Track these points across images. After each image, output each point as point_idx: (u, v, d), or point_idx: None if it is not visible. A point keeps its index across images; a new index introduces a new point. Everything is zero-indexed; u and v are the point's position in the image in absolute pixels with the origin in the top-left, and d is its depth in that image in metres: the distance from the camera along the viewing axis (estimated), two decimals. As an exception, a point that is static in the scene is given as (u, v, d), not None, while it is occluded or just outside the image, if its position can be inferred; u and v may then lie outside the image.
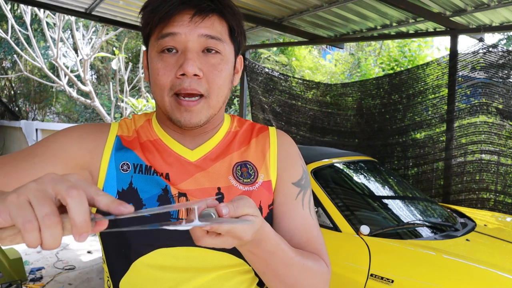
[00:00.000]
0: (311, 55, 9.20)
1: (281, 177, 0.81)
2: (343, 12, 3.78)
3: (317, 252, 0.78)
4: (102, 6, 3.80)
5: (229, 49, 0.75)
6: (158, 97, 0.74)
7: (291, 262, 0.67)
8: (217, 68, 0.73)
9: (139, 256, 0.73)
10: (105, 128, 0.81)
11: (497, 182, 3.64)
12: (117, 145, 0.79)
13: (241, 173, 0.79)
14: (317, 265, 0.73)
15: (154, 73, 0.73)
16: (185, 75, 0.70)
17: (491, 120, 3.67)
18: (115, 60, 6.14)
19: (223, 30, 0.74)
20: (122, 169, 0.76)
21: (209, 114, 0.74)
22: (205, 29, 0.71)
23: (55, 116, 12.25)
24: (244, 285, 0.76)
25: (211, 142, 0.81)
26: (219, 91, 0.74)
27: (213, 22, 0.72)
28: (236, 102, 8.44)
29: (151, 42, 0.75)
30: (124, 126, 0.83)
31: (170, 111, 0.73)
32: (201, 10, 0.71)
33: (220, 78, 0.73)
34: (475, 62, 3.66)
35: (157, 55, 0.73)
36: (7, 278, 3.11)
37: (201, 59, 0.71)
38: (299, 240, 0.77)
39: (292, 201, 0.80)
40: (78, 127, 0.80)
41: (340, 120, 4.75)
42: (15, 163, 0.71)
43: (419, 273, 1.78)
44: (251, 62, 5.45)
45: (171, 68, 0.71)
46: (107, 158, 0.77)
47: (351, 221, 2.12)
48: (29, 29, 6.34)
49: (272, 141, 0.84)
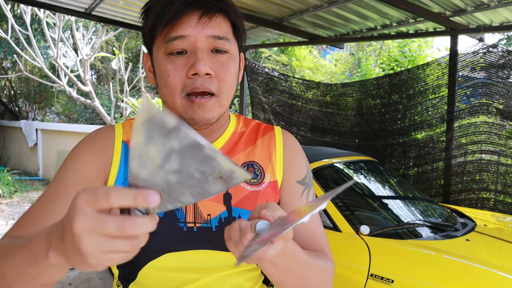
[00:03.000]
0: (311, 55, 9.20)
1: (287, 176, 0.82)
2: (343, 12, 3.78)
3: (321, 250, 0.79)
4: (102, 6, 3.80)
5: (235, 47, 0.76)
6: (169, 98, 0.74)
7: (307, 265, 0.68)
8: (226, 66, 0.74)
9: (148, 262, 0.73)
10: (110, 133, 0.80)
11: (497, 182, 3.64)
12: (124, 153, 0.77)
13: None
14: (324, 263, 0.75)
15: (164, 75, 0.73)
16: (197, 75, 0.70)
17: (491, 120, 3.67)
18: (115, 60, 6.14)
19: (228, 29, 0.75)
20: None
21: (220, 112, 0.75)
22: (213, 30, 0.72)
23: (55, 116, 12.26)
24: (251, 283, 0.77)
25: (218, 143, 0.81)
26: (228, 89, 0.75)
27: (220, 22, 0.73)
28: (236, 102, 8.43)
29: (157, 44, 0.74)
30: (129, 128, 0.81)
31: (183, 112, 0.73)
32: (208, 10, 0.71)
33: (229, 76, 0.74)
34: (475, 62, 3.66)
35: (165, 57, 0.72)
36: (7, 278, 3.11)
37: (211, 59, 0.72)
38: (305, 239, 0.78)
39: (297, 200, 0.81)
40: (84, 145, 0.78)
41: (340, 120, 4.75)
42: (45, 213, 0.70)
43: (419, 273, 1.78)
44: (251, 62, 5.46)
45: (182, 69, 0.71)
46: (116, 167, 0.76)
47: (351, 221, 2.12)
48: (29, 29, 6.34)
49: (278, 141, 0.85)
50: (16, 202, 7.11)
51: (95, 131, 0.81)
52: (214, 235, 0.74)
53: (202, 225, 0.74)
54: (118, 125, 0.82)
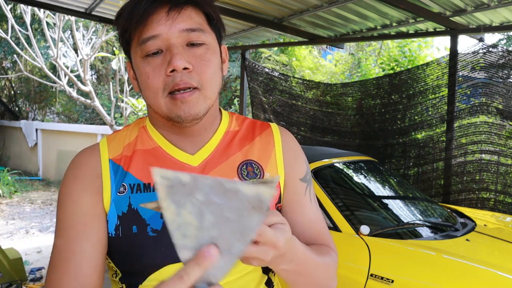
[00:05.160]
0: (311, 55, 9.19)
1: (289, 174, 0.82)
2: (343, 12, 3.78)
3: (325, 243, 0.81)
4: (102, 6, 3.80)
5: (212, 38, 0.74)
6: (152, 100, 0.72)
7: (316, 265, 0.69)
8: (205, 58, 0.72)
9: (149, 275, 0.72)
10: (95, 158, 0.77)
11: (497, 182, 3.64)
12: (113, 170, 0.75)
13: (247, 172, 0.79)
14: (330, 258, 0.77)
15: (143, 78, 0.72)
16: (175, 71, 0.69)
17: (491, 120, 3.67)
18: (115, 60, 6.13)
19: (202, 20, 0.73)
20: (119, 192, 0.74)
21: (206, 106, 0.73)
22: (184, 23, 0.70)
23: (55, 116, 12.26)
24: (253, 284, 0.77)
25: (211, 144, 0.79)
26: (212, 81, 0.72)
27: (190, 14, 0.71)
28: (236, 102, 8.43)
29: (133, 49, 0.73)
30: (115, 144, 0.79)
31: (167, 111, 0.71)
32: (175, 4, 0.70)
33: (210, 68, 0.72)
34: (475, 62, 3.66)
35: (142, 60, 0.71)
36: (7, 278, 3.11)
37: (187, 53, 0.70)
38: (310, 234, 0.80)
39: (302, 197, 0.82)
40: (73, 181, 0.75)
41: (340, 120, 4.75)
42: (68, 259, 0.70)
43: (419, 273, 1.78)
44: (251, 62, 5.45)
45: (160, 68, 0.70)
46: (108, 188, 0.74)
47: (351, 221, 2.12)
48: (29, 29, 6.33)
49: (276, 139, 0.84)
50: (16, 202, 7.11)
51: (78, 159, 0.78)
52: None
53: None
54: (102, 143, 0.79)
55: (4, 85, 11.52)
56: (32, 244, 4.56)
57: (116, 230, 0.72)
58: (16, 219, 5.94)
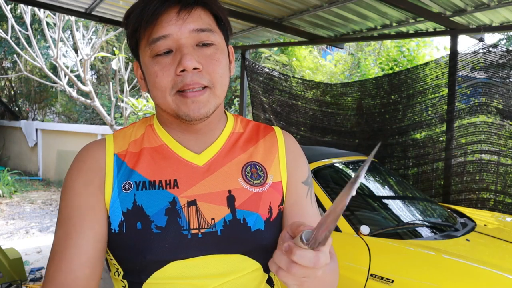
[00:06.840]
0: (311, 55, 9.19)
1: (292, 177, 0.83)
2: (343, 12, 3.78)
3: None
4: (102, 6, 3.80)
5: (220, 39, 0.75)
6: (160, 99, 0.73)
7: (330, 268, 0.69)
8: (214, 58, 0.72)
9: (153, 272, 0.72)
10: (100, 151, 0.77)
11: (497, 182, 3.64)
12: (117, 166, 0.76)
13: (251, 174, 0.79)
14: (335, 261, 0.77)
15: (152, 77, 0.72)
16: (185, 71, 0.69)
17: (491, 120, 3.67)
18: (115, 60, 6.13)
19: (211, 20, 0.74)
20: (124, 188, 0.74)
21: (216, 104, 0.74)
22: (194, 24, 0.71)
23: (55, 116, 12.27)
24: (255, 283, 0.77)
25: (217, 144, 0.80)
26: (221, 80, 0.73)
27: (200, 15, 0.72)
28: (236, 102, 8.43)
29: (142, 48, 0.74)
30: (120, 140, 0.79)
31: (176, 108, 0.72)
32: (186, 4, 0.70)
33: (219, 67, 0.73)
34: (475, 62, 3.66)
35: (151, 60, 0.72)
36: (7, 278, 3.11)
37: (197, 53, 0.71)
38: None
39: (303, 200, 0.83)
40: (76, 173, 0.76)
41: (340, 120, 4.75)
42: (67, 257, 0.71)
43: (419, 273, 1.78)
44: (251, 62, 5.46)
45: (169, 68, 0.70)
46: (110, 183, 0.74)
47: (351, 221, 2.12)
48: (29, 29, 6.33)
49: (280, 142, 0.85)
50: (16, 202, 7.11)
51: (84, 152, 0.78)
52: (220, 239, 0.73)
53: (207, 230, 0.73)
54: (109, 138, 0.80)
55: (4, 85, 11.52)
56: (32, 244, 4.57)
57: (120, 226, 0.73)
58: (16, 219, 5.95)
